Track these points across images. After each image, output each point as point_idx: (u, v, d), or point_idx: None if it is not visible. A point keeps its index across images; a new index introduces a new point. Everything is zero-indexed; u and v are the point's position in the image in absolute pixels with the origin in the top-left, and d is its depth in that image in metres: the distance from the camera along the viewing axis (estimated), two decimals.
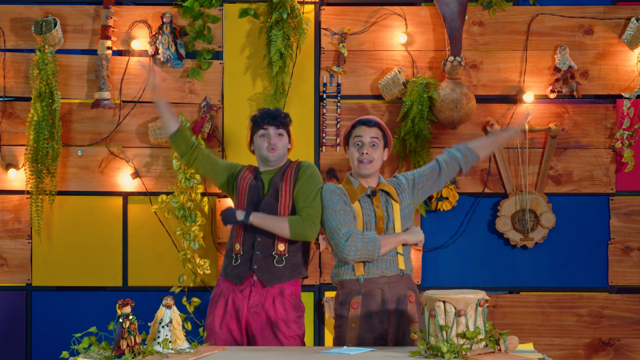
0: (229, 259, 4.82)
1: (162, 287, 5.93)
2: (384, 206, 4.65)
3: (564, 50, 5.90)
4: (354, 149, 4.67)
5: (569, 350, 5.94)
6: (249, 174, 4.88)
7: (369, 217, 4.61)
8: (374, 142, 4.66)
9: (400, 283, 4.62)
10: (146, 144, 5.96)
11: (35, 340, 5.95)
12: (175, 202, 5.80)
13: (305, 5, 5.93)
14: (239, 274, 4.75)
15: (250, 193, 4.81)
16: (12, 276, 5.96)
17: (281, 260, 4.74)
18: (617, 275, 5.95)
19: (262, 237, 4.74)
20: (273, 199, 4.76)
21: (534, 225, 5.93)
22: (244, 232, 4.77)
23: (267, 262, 4.74)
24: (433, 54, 5.97)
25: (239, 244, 4.77)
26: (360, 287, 4.59)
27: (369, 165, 4.64)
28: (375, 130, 4.68)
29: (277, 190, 4.77)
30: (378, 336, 4.55)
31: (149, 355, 4.01)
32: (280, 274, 4.74)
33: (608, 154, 5.96)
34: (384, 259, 4.60)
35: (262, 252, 4.74)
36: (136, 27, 5.97)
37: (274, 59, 5.80)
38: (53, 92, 5.80)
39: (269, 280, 4.73)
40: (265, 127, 4.80)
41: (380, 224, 4.62)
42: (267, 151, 4.78)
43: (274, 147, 4.78)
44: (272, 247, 4.74)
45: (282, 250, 4.74)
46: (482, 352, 3.96)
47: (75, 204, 5.96)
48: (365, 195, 4.66)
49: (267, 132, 4.79)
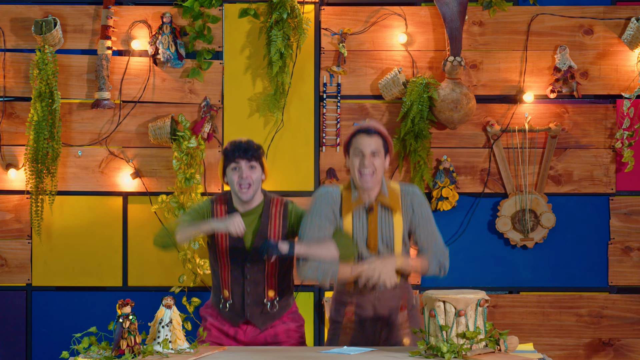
0: (217, 299, 4.74)
1: (162, 287, 5.93)
2: (381, 222, 4.54)
3: (564, 50, 5.90)
4: (355, 159, 4.50)
5: (569, 350, 5.94)
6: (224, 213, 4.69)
7: (359, 237, 4.52)
8: (375, 152, 4.50)
9: (393, 295, 4.57)
10: (146, 144, 5.96)
11: (35, 340, 5.95)
12: (175, 202, 5.80)
13: (305, 5, 5.93)
14: (232, 318, 4.71)
15: (231, 242, 4.65)
16: (12, 276, 5.96)
17: (273, 304, 4.70)
18: (617, 275, 5.96)
19: (252, 287, 4.66)
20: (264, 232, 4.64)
21: (534, 225, 5.93)
22: (232, 279, 4.67)
23: (258, 309, 4.69)
24: (433, 54, 5.97)
25: (227, 291, 4.69)
26: (352, 298, 4.57)
27: (370, 177, 4.50)
28: (376, 139, 4.52)
29: (265, 239, 4.60)
30: (369, 343, 4.53)
31: (149, 355, 4.01)
32: (273, 316, 4.71)
33: (608, 154, 5.96)
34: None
35: (253, 300, 4.67)
36: (136, 27, 5.97)
37: (274, 59, 5.80)
38: (53, 92, 5.80)
39: (263, 323, 4.70)
40: (236, 160, 4.60)
41: (371, 241, 4.52)
42: (239, 189, 4.60)
43: (247, 184, 4.59)
44: (263, 294, 4.67)
45: (273, 296, 4.69)
46: (482, 352, 3.96)
47: (75, 204, 5.96)
48: (362, 208, 4.55)
49: (239, 166, 4.60)
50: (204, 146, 5.86)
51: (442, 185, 5.89)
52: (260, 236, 4.64)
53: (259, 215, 4.67)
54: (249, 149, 4.62)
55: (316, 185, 5.94)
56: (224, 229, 4.49)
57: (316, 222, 4.51)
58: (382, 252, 4.52)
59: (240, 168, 4.60)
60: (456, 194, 5.91)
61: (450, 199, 5.90)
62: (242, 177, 4.59)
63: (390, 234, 4.53)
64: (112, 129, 5.97)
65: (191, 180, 5.79)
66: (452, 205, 5.92)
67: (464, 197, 5.97)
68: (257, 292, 4.67)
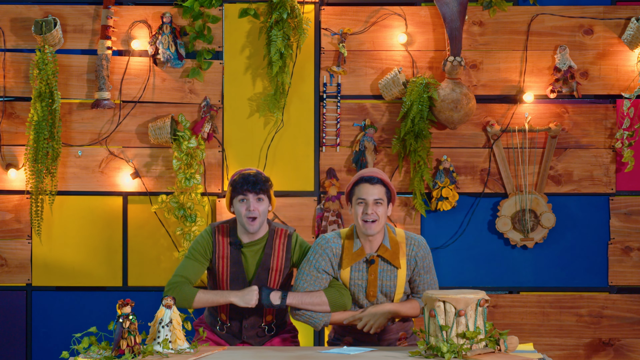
0: (214, 320, 4.77)
1: (162, 287, 5.92)
2: (382, 273, 4.57)
3: (564, 50, 5.90)
4: (358, 208, 4.51)
5: (569, 350, 5.94)
6: (224, 246, 4.73)
7: (359, 286, 4.57)
8: (378, 202, 4.51)
9: (392, 330, 4.65)
10: (146, 144, 5.96)
11: (35, 340, 5.95)
12: (175, 202, 5.80)
13: (305, 5, 5.93)
14: (228, 339, 4.75)
15: (232, 273, 4.70)
16: (12, 276, 5.96)
17: (270, 327, 4.74)
18: (617, 275, 5.95)
19: (250, 316, 4.71)
20: (263, 278, 4.68)
21: (534, 225, 5.93)
22: (231, 309, 4.69)
23: (255, 332, 4.73)
24: (433, 54, 5.97)
25: (224, 315, 4.72)
26: (350, 336, 4.65)
27: (373, 225, 4.50)
28: (379, 188, 4.52)
29: (268, 270, 4.68)
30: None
31: (149, 355, 4.01)
32: (270, 336, 4.76)
33: (608, 154, 5.96)
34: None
35: (250, 324, 4.71)
36: (136, 27, 5.97)
37: (274, 59, 5.80)
38: (53, 92, 5.80)
39: (260, 343, 4.74)
40: (245, 193, 4.63)
41: (370, 290, 4.56)
42: (247, 221, 4.63)
43: (253, 217, 4.62)
44: (261, 319, 4.72)
45: (270, 320, 4.73)
46: (482, 352, 3.96)
47: (75, 204, 5.95)
48: (362, 261, 4.58)
49: (247, 198, 4.63)
50: (204, 146, 5.86)
51: (442, 185, 5.89)
52: (262, 268, 4.68)
53: (262, 247, 4.72)
54: (258, 182, 4.66)
55: (316, 185, 5.94)
56: (242, 304, 4.55)
57: (313, 275, 4.58)
58: (380, 301, 4.60)
59: (248, 200, 4.64)
60: (456, 194, 5.91)
61: (450, 199, 5.89)
62: (250, 210, 4.63)
63: (392, 286, 4.59)
64: (112, 129, 5.96)
65: (191, 180, 5.79)
66: (452, 205, 5.91)
67: (464, 197, 5.97)
68: (256, 317, 4.72)
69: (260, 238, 4.72)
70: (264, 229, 4.73)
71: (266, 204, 4.68)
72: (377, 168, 4.72)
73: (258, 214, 4.64)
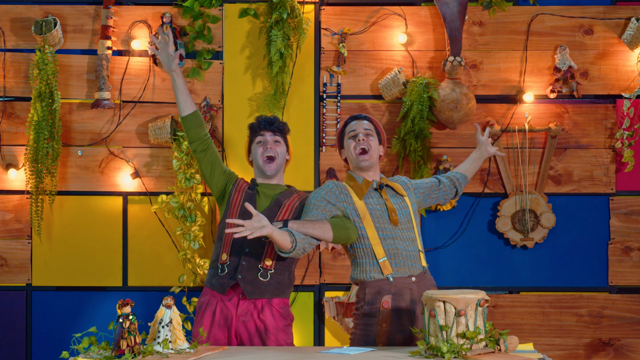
0: (215, 269, 4.80)
1: (162, 287, 5.94)
2: (393, 199, 4.64)
3: (564, 50, 5.90)
4: (350, 142, 4.67)
5: (569, 350, 5.94)
6: (244, 184, 4.87)
7: (379, 211, 4.58)
8: (369, 133, 4.68)
9: (425, 281, 4.61)
10: (146, 144, 5.96)
11: (35, 340, 5.95)
12: (175, 202, 5.80)
13: (305, 5, 5.93)
14: (222, 283, 4.74)
15: (244, 204, 4.76)
16: (12, 276, 5.96)
17: (266, 274, 4.72)
18: (617, 275, 5.96)
19: (251, 249, 4.71)
20: (272, 213, 4.72)
21: (534, 225, 5.93)
22: (233, 243, 4.73)
23: (251, 274, 4.71)
24: (433, 54, 5.97)
25: (226, 254, 4.74)
26: (390, 286, 4.54)
27: (367, 155, 4.61)
28: (367, 122, 4.72)
29: (280, 206, 4.73)
30: (407, 336, 4.51)
31: (149, 355, 4.01)
32: (263, 289, 4.72)
33: (608, 154, 5.96)
34: (409, 256, 4.56)
35: (248, 263, 4.71)
36: (136, 27, 5.97)
37: (274, 59, 5.80)
38: (53, 92, 5.80)
39: (251, 293, 4.71)
40: (262, 132, 4.76)
41: (393, 216, 4.58)
42: (264, 161, 4.72)
43: (271, 157, 4.70)
44: (260, 260, 4.72)
45: (269, 265, 4.72)
46: (482, 352, 3.97)
47: (75, 204, 5.96)
48: (372, 189, 4.64)
49: (264, 139, 4.74)
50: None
51: None
52: (275, 204, 4.74)
53: (275, 195, 4.77)
54: (274, 121, 4.82)
55: (316, 185, 5.94)
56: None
57: (318, 205, 4.58)
58: (403, 225, 4.59)
59: (266, 141, 4.76)
60: None
61: None
62: (267, 148, 4.74)
63: (406, 207, 4.64)
64: (112, 129, 5.97)
65: (191, 180, 5.80)
66: (452, 205, 5.92)
67: (464, 197, 5.97)
68: (255, 255, 4.71)
69: (278, 185, 4.81)
70: (281, 179, 4.82)
71: (284, 148, 4.81)
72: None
73: (275, 153, 4.74)
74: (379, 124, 4.77)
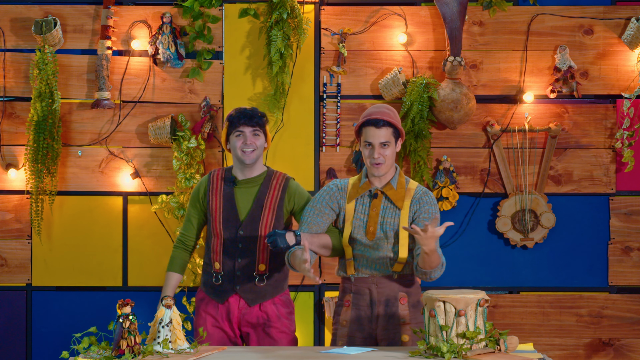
0: (209, 276, 4.77)
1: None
2: (384, 211, 4.54)
3: (564, 50, 5.90)
4: (365, 150, 4.52)
5: (569, 350, 5.94)
6: (219, 181, 4.78)
7: (359, 221, 4.54)
8: (385, 143, 4.49)
9: (391, 285, 4.55)
10: (146, 144, 5.96)
11: (35, 340, 5.95)
12: (175, 202, 5.80)
13: (305, 5, 5.93)
14: (221, 293, 4.73)
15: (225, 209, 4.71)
16: (12, 276, 5.96)
17: (262, 279, 4.71)
18: (617, 275, 5.96)
19: (243, 259, 4.69)
20: (256, 215, 4.70)
21: (534, 225, 5.93)
22: (224, 252, 4.70)
23: (248, 283, 4.70)
24: (433, 54, 5.97)
25: (218, 263, 4.72)
26: (351, 285, 4.58)
27: (381, 167, 4.51)
28: (385, 130, 4.48)
29: (262, 207, 4.69)
30: (367, 335, 4.52)
31: (149, 355, 4.01)
32: (263, 293, 4.72)
33: (608, 154, 5.96)
34: (375, 260, 4.55)
35: (243, 272, 4.69)
36: (136, 27, 5.97)
37: (274, 59, 5.80)
38: (53, 92, 5.80)
39: (252, 300, 4.70)
40: (241, 127, 4.69)
41: (370, 227, 4.52)
42: (242, 154, 4.67)
43: (250, 149, 4.67)
44: (253, 267, 4.70)
45: (263, 270, 4.71)
46: (482, 352, 3.96)
47: (75, 204, 5.96)
48: (366, 195, 4.59)
49: (243, 133, 4.68)
50: (204, 146, 5.86)
51: (442, 185, 5.89)
52: (257, 204, 4.69)
53: (259, 185, 4.74)
54: (254, 116, 4.72)
55: (316, 185, 5.94)
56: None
57: (317, 209, 4.58)
58: (379, 240, 4.52)
59: (245, 135, 4.69)
60: (456, 194, 5.91)
61: (450, 199, 5.90)
62: (246, 144, 4.69)
63: (394, 225, 4.52)
64: (112, 129, 5.97)
65: (191, 180, 5.80)
66: (452, 205, 5.92)
67: (464, 197, 5.97)
68: (248, 264, 4.69)
69: (257, 176, 4.75)
70: (261, 168, 4.77)
71: (262, 139, 4.74)
72: (384, 105, 4.61)
73: (255, 146, 4.69)
74: (398, 123, 4.51)
